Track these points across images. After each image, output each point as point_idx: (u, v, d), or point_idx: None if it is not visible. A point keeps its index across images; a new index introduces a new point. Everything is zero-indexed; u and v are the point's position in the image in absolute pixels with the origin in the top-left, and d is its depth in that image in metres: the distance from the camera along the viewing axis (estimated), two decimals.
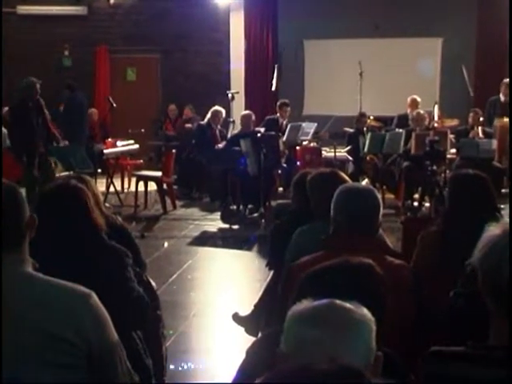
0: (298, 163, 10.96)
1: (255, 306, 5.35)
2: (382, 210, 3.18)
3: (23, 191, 2.27)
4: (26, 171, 10.16)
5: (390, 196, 11.21)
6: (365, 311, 1.72)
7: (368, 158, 11.40)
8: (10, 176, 9.65)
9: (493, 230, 1.93)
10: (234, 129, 12.18)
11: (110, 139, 12.63)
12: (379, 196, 3.29)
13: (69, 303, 2.08)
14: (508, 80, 12.67)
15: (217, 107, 11.83)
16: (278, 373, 1.38)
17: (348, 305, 1.71)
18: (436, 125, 11.49)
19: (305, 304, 1.72)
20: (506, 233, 1.89)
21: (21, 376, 1.97)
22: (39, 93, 10.36)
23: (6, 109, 11.52)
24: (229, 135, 11.78)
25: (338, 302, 1.72)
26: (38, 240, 2.27)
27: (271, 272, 5.06)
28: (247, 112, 11.40)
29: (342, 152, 11.44)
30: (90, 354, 2.07)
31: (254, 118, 11.15)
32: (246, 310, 5.52)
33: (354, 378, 1.34)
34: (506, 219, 3.44)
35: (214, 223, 9.99)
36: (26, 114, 10.14)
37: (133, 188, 11.41)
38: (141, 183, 11.11)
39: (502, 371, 1.80)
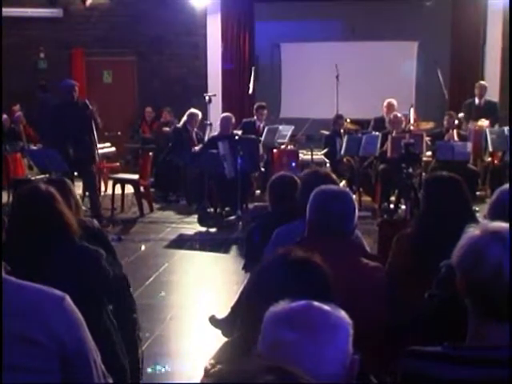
0: (293, 164, 10.94)
1: (232, 308, 5.35)
2: (357, 213, 3.19)
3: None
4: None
5: (366, 198, 11.26)
6: (342, 314, 1.70)
7: (345, 160, 11.45)
8: None
9: (472, 231, 1.95)
10: (211, 131, 12.16)
11: None
12: (354, 198, 3.31)
13: (42, 306, 2.06)
14: (482, 82, 12.81)
15: (193, 110, 11.78)
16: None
17: (325, 307, 1.70)
18: (412, 128, 11.57)
19: (282, 305, 1.71)
20: (485, 234, 1.91)
21: None
22: (75, 96, 9.98)
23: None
24: (206, 138, 11.77)
25: (315, 303, 1.70)
26: (9, 242, 2.26)
27: (248, 274, 5.06)
28: (227, 114, 11.29)
29: (318, 155, 11.48)
30: (63, 357, 2.05)
31: (233, 120, 11.10)
32: (222, 312, 5.51)
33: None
34: (481, 221, 3.47)
35: (191, 226, 9.97)
36: (64, 116, 9.78)
37: (109, 191, 11.36)
38: (117, 186, 11.08)
39: (481, 371, 1.82)
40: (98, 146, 12.10)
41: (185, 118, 11.71)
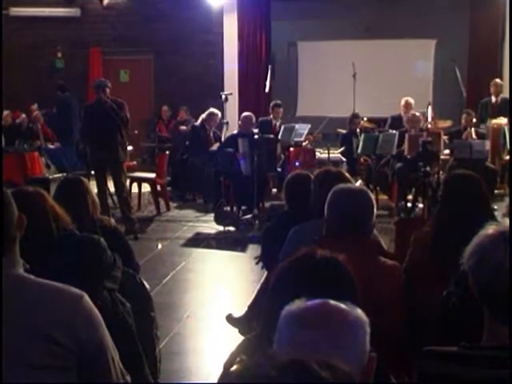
0: (297, 164, 10.89)
1: (249, 307, 5.36)
2: (375, 211, 3.18)
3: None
4: (97, 189, 9.15)
5: (383, 197, 11.22)
6: (359, 312, 1.68)
7: (361, 159, 11.41)
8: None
9: (486, 230, 1.93)
10: (228, 130, 12.16)
11: None
12: (373, 197, 3.29)
13: (60, 305, 2.06)
14: (497, 80, 12.73)
15: (213, 109, 11.79)
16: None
17: (342, 305, 1.67)
18: (429, 126, 11.50)
19: (297, 304, 1.68)
20: (495, 233, 1.89)
21: (9, 378, 1.95)
22: (107, 94, 9.54)
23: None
24: (223, 136, 11.76)
25: (331, 302, 1.67)
26: None
27: (265, 273, 5.06)
28: (249, 113, 11.18)
29: (335, 153, 11.45)
30: (81, 355, 2.06)
31: (254, 120, 11.05)
32: (239, 311, 5.52)
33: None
34: (500, 220, 3.45)
35: (208, 225, 9.97)
36: (91, 116, 9.41)
37: None
38: (134, 185, 11.11)
39: (495, 371, 1.80)
40: None
41: (204, 116, 11.72)
